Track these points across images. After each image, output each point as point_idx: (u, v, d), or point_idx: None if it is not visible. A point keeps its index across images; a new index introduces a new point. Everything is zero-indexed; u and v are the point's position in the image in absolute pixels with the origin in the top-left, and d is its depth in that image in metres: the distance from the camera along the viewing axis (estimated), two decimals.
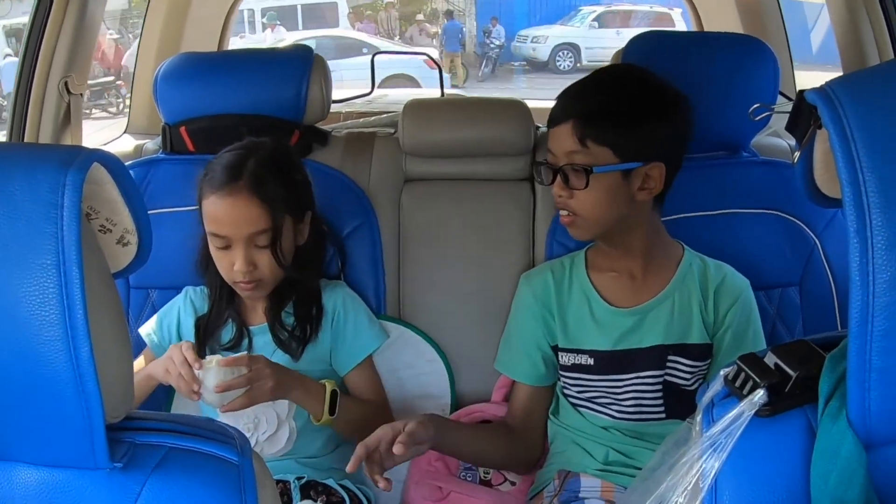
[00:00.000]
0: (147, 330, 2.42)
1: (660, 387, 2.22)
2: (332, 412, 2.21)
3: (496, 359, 2.45)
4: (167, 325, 2.41)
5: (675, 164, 2.17)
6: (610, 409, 2.25)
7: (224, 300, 2.35)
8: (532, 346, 2.33)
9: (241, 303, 2.37)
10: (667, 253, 2.30)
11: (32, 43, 2.72)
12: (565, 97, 2.19)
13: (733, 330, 2.23)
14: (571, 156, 2.11)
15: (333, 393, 2.22)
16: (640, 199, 2.15)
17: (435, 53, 17.82)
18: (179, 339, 2.36)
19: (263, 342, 2.33)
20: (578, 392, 2.28)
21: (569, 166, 2.12)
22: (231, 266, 2.20)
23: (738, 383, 1.16)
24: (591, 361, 2.25)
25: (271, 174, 2.22)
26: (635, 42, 2.57)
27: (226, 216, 2.18)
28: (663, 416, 2.23)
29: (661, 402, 2.23)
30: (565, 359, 2.28)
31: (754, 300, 2.30)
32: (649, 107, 2.12)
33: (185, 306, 2.41)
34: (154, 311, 2.51)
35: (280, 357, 2.30)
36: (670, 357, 2.22)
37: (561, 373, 2.31)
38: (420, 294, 2.65)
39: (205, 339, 2.34)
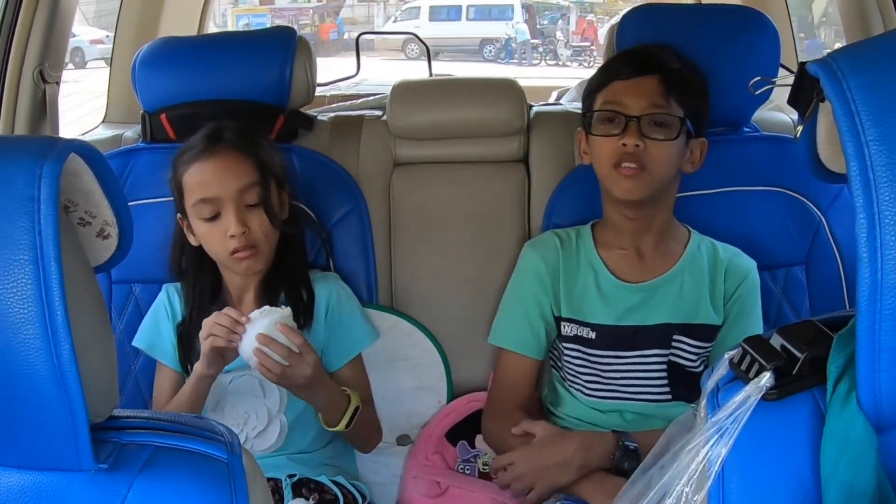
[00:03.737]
0: (142, 342, 2.40)
1: (664, 367, 2.24)
2: (348, 426, 2.22)
3: (491, 333, 2.45)
4: (164, 329, 2.37)
5: None
6: (613, 390, 2.26)
7: (206, 299, 2.32)
8: (536, 315, 2.34)
9: (227, 298, 2.34)
10: (675, 234, 2.34)
11: (5, 31, 2.71)
12: (643, 52, 2.27)
13: (738, 308, 2.28)
14: (653, 108, 2.18)
15: (356, 409, 2.23)
16: (685, 170, 2.27)
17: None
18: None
19: None
20: (579, 368, 2.29)
21: (648, 117, 2.18)
22: (224, 235, 2.19)
23: (743, 366, 1.15)
24: (592, 335, 2.27)
25: (250, 136, 2.29)
26: (631, 15, 2.56)
27: (212, 175, 2.20)
28: (669, 397, 2.25)
29: (665, 382, 2.25)
30: (567, 329, 2.30)
31: (759, 283, 2.33)
32: (704, 84, 2.28)
33: (170, 307, 2.38)
34: (137, 306, 2.51)
35: None
36: (676, 336, 2.24)
37: (563, 344, 2.31)
38: (413, 282, 2.65)
39: (189, 346, 2.29)
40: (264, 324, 2.04)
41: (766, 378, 1.12)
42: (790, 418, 1.12)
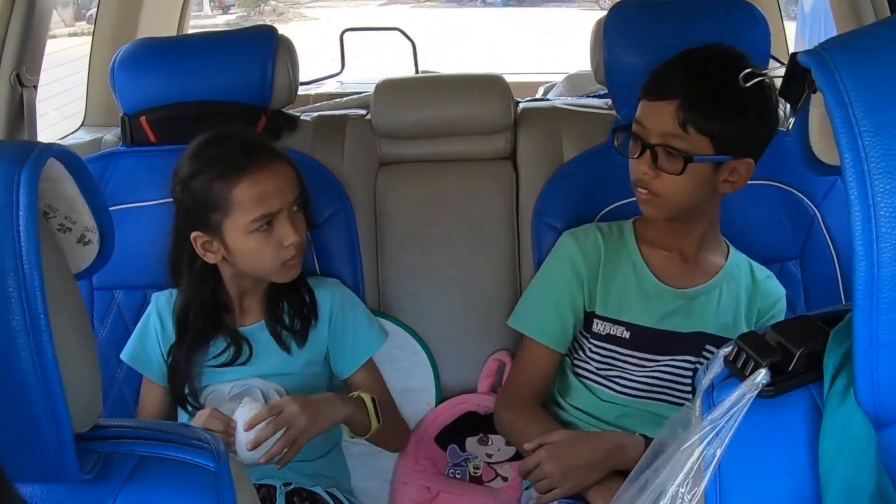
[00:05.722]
0: (128, 356, 2.36)
1: (691, 374, 2.23)
2: (378, 420, 2.22)
3: (512, 315, 2.42)
4: (150, 345, 2.34)
5: (759, 159, 2.16)
6: (636, 388, 2.26)
7: (210, 312, 2.27)
8: (567, 308, 2.31)
9: (230, 312, 2.30)
10: (716, 246, 2.32)
11: None
12: (671, 73, 2.15)
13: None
14: (668, 137, 2.09)
15: (373, 400, 2.23)
16: (723, 191, 2.16)
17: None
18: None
19: (265, 340, 2.29)
20: (601, 367, 2.28)
21: (662, 147, 2.10)
22: (278, 246, 2.16)
23: (738, 364, 1.15)
24: (626, 335, 2.25)
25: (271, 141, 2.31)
26: (619, 7, 2.56)
27: (273, 187, 2.16)
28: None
29: (689, 389, 2.23)
30: (600, 327, 2.28)
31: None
32: (754, 100, 2.09)
33: (160, 321, 2.34)
34: (120, 313, 2.50)
35: (280, 354, 2.29)
36: (707, 346, 2.24)
37: (593, 341, 2.29)
38: (400, 283, 2.65)
39: (184, 371, 2.25)
40: (241, 439, 2.03)
41: (762, 375, 1.12)
42: (787, 415, 1.12)
